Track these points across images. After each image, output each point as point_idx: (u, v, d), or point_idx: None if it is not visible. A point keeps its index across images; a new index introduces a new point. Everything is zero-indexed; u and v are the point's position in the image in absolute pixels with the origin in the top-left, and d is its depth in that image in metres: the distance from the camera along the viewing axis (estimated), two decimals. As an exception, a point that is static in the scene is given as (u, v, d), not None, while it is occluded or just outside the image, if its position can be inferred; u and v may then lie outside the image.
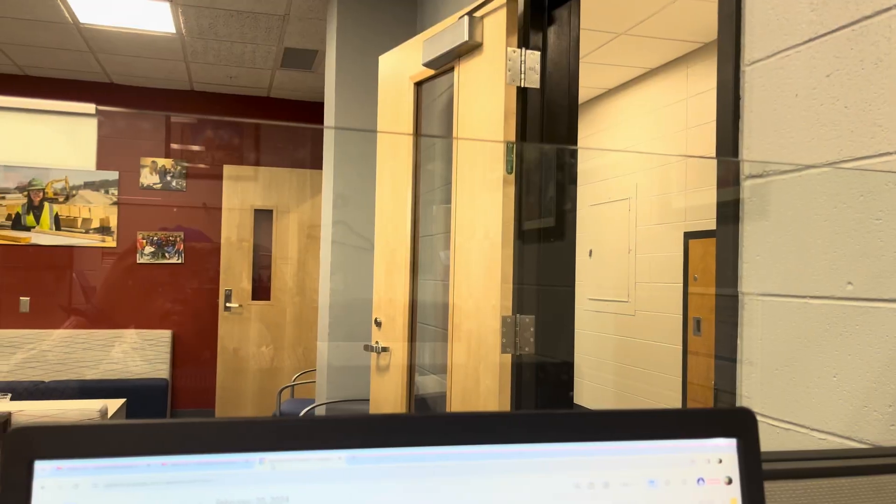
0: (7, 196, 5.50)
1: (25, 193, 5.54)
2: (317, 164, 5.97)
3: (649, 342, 4.53)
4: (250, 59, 5.04)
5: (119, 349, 5.51)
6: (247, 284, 5.75)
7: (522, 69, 2.30)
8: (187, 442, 0.56)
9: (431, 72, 2.71)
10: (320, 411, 3.41)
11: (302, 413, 3.46)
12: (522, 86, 2.30)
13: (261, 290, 5.81)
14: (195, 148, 5.84)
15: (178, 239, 5.76)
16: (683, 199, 4.25)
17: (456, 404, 2.40)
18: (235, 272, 5.73)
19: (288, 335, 5.78)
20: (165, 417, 5.16)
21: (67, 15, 4.26)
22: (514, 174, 2.28)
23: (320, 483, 0.58)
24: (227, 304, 5.69)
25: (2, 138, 0.66)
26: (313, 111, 6.15)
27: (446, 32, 2.49)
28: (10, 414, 2.54)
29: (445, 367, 2.83)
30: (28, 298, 5.48)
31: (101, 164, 5.71)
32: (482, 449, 0.61)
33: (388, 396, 2.79)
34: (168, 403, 5.49)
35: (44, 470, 0.53)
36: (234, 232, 5.77)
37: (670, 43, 4.26)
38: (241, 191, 5.79)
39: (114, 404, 3.33)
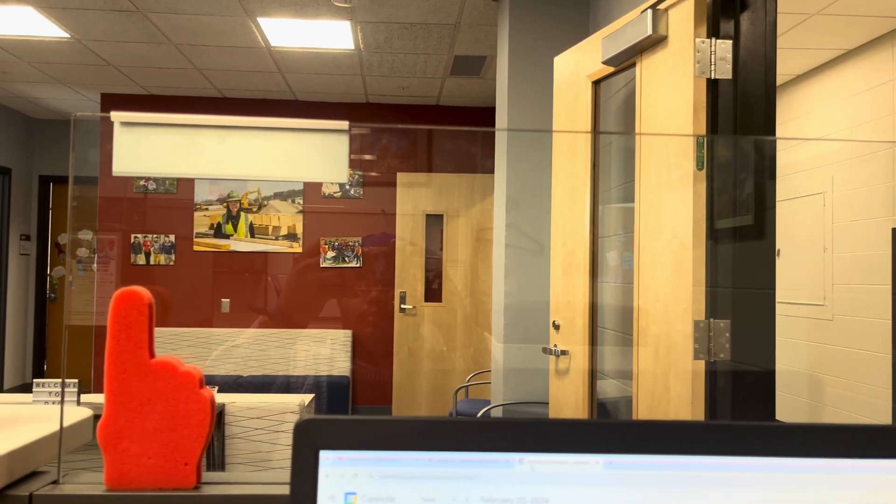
0: (210, 208, 6.10)
1: (225, 205, 6.11)
2: (486, 168, 6.06)
3: (850, 349, 4.12)
4: (422, 70, 5.22)
5: (304, 347, 5.92)
6: (420, 287, 5.95)
7: (712, 60, 2.18)
8: (452, 439, 0.58)
9: (609, 70, 2.66)
10: (496, 412, 3.45)
11: (479, 414, 3.52)
12: (712, 77, 2.18)
13: (433, 292, 5.99)
14: (371, 157, 6.15)
15: (356, 244, 6.09)
16: (894, 191, 3.83)
17: (643, 411, 2.33)
18: (409, 275, 5.96)
19: (459, 336, 5.91)
20: (348, 413, 5.45)
21: (261, 40, 4.65)
22: (704, 170, 2.16)
23: (578, 486, 0.58)
24: (402, 306, 5.92)
25: (272, 154, 0.72)
26: (482, 116, 6.25)
27: (627, 28, 2.42)
28: (223, 405, 2.81)
29: (626, 371, 2.75)
30: (228, 300, 6.04)
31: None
32: (746, 461, 0.58)
33: (568, 400, 2.76)
34: (350, 399, 5.81)
35: (327, 459, 0.57)
36: (408, 236, 6.00)
37: (871, 21, 3.87)
38: (414, 197, 6.01)
39: (304, 399, 3.57)
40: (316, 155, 0.73)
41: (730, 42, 2.20)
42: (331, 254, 6.09)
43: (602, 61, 2.56)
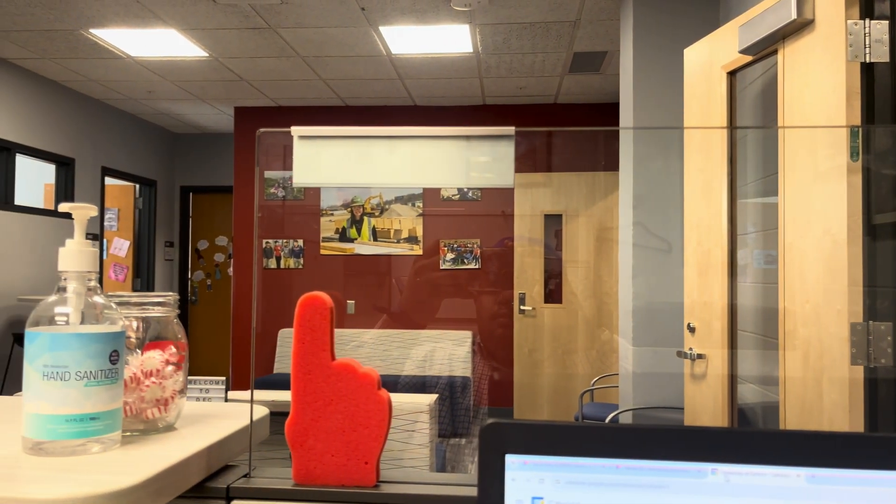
0: (335, 213, 6.34)
1: (349, 210, 6.33)
2: (608, 166, 5.93)
3: None
4: (539, 68, 5.18)
5: (425, 347, 6.02)
6: (539, 288, 5.91)
7: (867, 42, 2.02)
8: (640, 447, 0.56)
9: (746, 59, 2.52)
10: (626, 417, 3.36)
11: (608, 419, 3.44)
12: (867, 61, 2.02)
13: (553, 293, 5.93)
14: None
15: (474, 246, 6.13)
16: None
17: (792, 420, 2.19)
18: (528, 276, 5.93)
19: (580, 338, 5.82)
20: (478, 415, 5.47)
21: (382, 48, 4.77)
22: (859, 161, 2.01)
23: (777, 500, 0.55)
24: (522, 307, 5.90)
25: (439, 161, 0.73)
26: (601, 113, 6.13)
27: (767, 14, 2.30)
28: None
29: (768, 377, 2.60)
30: (353, 301, 6.25)
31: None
32: (973, 479, 0.53)
33: (705, 406, 2.65)
34: (471, 401, 5.86)
35: (513, 463, 0.57)
36: (526, 237, 5.97)
37: None
38: (532, 197, 5.97)
39: (431, 399, 3.62)
40: (482, 161, 0.74)
41: (886, 22, 2.03)
42: (450, 255, 6.17)
43: (739, 50, 2.44)
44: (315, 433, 0.69)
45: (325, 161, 0.73)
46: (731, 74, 2.62)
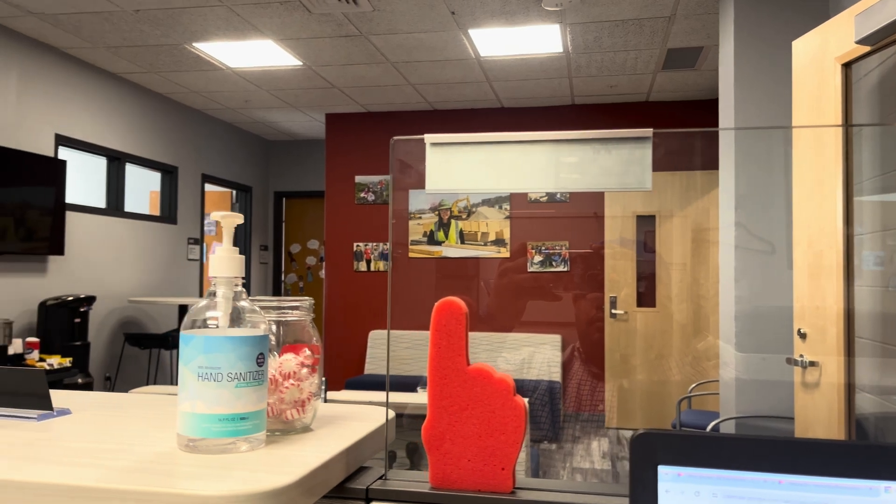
0: (423, 217, 6.41)
1: (436, 213, 6.39)
2: (705, 164, 5.74)
3: None
4: (632, 66, 5.07)
5: (513, 351, 5.99)
6: (631, 291, 5.78)
7: None
8: (806, 462, 0.53)
9: (863, 50, 2.38)
10: (728, 426, 3.23)
11: (709, 427, 3.32)
12: None
13: (644, 296, 5.79)
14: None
15: (563, 248, 6.06)
16: None
17: (919, 432, 2.04)
18: (619, 279, 5.81)
19: (675, 343, 5.65)
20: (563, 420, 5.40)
21: (471, 51, 4.79)
22: None
23: (962, 524, 0.51)
24: (613, 311, 5.78)
25: (573, 166, 0.72)
26: (696, 110, 5.94)
27: (889, 1, 2.16)
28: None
29: (889, 387, 2.45)
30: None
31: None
32: None
33: (819, 416, 2.51)
34: (561, 406, 5.78)
35: (667, 474, 0.55)
36: (617, 239, 5.85)
37: None
38: (623, 197, 5.85)
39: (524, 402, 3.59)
40: (618, 164, 0.72)
41: None
42: (537, 258, 6.12)
43: (856, 41, 2.31)
44: (452, 437, 0.69)
45: (458, 167, 0.73)
46: (846, 66, 2.48)
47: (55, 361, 4.19)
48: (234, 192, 7.64)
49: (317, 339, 0.79)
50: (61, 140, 4.97)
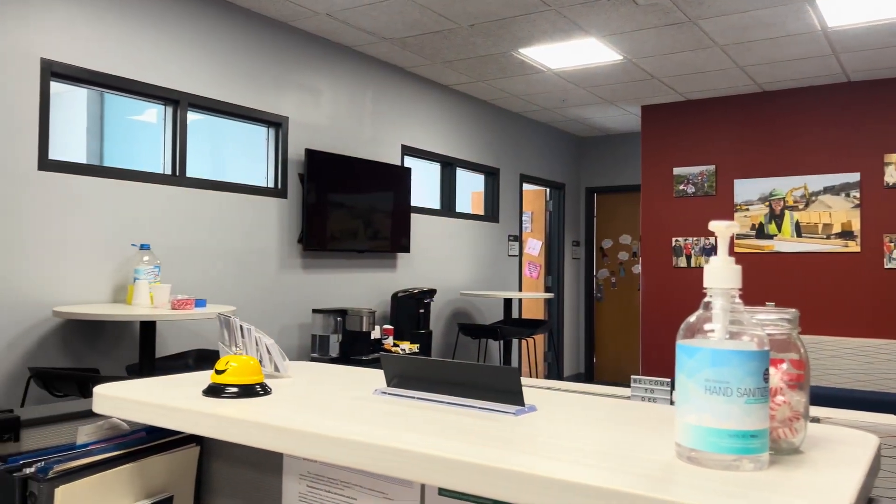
0: (751, 208, 5.92)
1: (767, 203, 5.85)
2: None
3: None
4: None
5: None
6: None
7: None
8: None
9: None
10: None
11: None
12: None
13: None
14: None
15: (933, 241, 5.13)
16: None
17: None
18: None
19: None
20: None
21: (817, 23, 4.28)
22: None
23: None
24: None
25: None
26: None
27: None
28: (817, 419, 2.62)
29: None
30: (773, 303, 5.75)
31: (840, 166, 5.57)
32: None
33: None
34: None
35: None
36: None
37: None
38: None
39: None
40: None
41: None
42: (898, 253, 5.26)
43: None
44: None
45: None
46: None
47: (406, 347, 4.71)
48: (548, 189, 7.86)
49: (803, 352, 0.73)
50: (406, 150, 5.57)
